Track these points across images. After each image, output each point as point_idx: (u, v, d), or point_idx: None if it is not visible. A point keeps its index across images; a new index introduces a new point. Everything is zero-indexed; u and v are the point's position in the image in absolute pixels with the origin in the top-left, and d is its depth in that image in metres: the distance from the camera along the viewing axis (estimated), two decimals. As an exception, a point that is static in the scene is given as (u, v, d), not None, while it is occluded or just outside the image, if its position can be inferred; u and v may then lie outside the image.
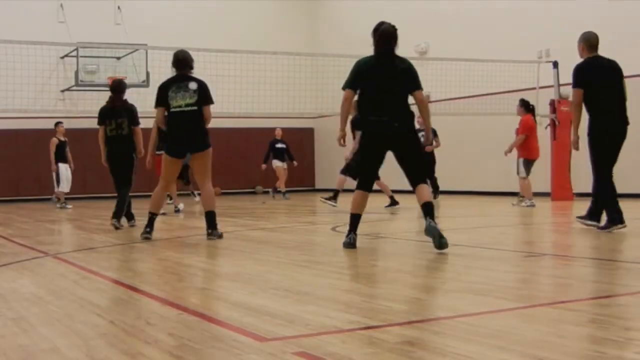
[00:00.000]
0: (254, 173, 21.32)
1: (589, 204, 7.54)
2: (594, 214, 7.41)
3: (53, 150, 15.04)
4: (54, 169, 15.09)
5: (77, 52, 18.30)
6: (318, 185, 22.38)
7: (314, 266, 5.65)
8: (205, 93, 7.44)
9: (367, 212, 11.85)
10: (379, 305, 3.73)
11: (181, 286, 4.78)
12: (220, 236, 7.40)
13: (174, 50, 7.88)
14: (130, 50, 18.36)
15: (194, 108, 7.38)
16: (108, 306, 4.08)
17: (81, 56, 18.50)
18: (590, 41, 7.32)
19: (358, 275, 4.96)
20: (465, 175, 17.04)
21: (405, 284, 4.66)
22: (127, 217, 9.31)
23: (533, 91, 14.48)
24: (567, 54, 14.56)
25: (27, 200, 18.55)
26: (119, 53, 18.69)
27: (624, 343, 2.87)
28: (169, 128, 7.48)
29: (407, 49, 17.77)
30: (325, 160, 21.89)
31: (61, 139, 15.20)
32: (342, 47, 18.24)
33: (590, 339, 2.95)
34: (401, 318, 3.47)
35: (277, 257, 6.07)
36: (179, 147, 7.48)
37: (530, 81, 14.60)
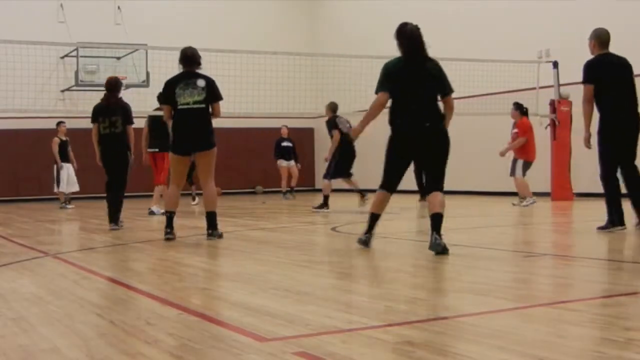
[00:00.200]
0: (254, 173, 21.34)
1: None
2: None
3: (56, 149, 15.05)
4: (61, 167, 15.11)
5: (77, 52, 18.30)
6: (318, 185, 22.36)
7: (314, 266, 5.65)
8: (214, 90, 7.39)
9: (367, 213, 11.84)
10: (379, 305, 3.73)
11: (181, 286, 4.77)
12: (220, 236, 7.40)
13: (174, 50, 7.87)
14: (130, 50, 18.35)
15: (202, 106, 7.33)
16: (108, 306, 4.08)
17: (81, 56, 18.49)
18: (601, 38, 7.30)
19: (358, 275, 4.96)
20: (465, 175, 17.01)
21: (405, 284, 4.66)
22: (111, 218, 8.95)
23: (533, 91, 14.48)
24: (567, 54, 14.62)
25: (27, 200, 18.55)
26: (119, 53, 18.68)
27: (624, 343, 2.87)
28: (175, 125, 7.42)
29: (407, 49, 17.76)
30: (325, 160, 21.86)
31: (63, 138, 15.19)
32: (342, 47, 18.26)
33: (590, 339, 2.95)
34: (401, 318, 3.47)
35: (277, 257, 6.07)
36: (185, 145, 7.39)
37: (530, 81, 14.60)
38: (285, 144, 17.44)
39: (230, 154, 20.15)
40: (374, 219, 6.08)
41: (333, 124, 12.12)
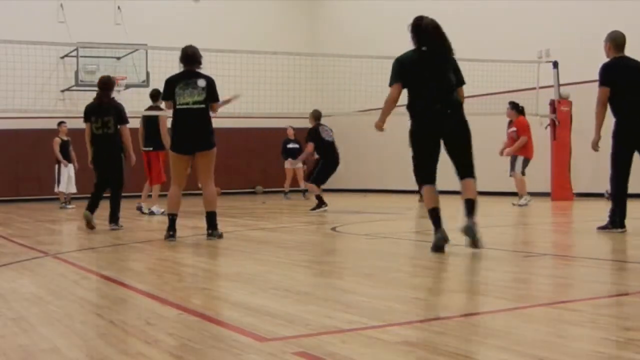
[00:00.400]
0: (254, 173, 21.33)
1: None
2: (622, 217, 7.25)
3: (57, 149, 15.06)
4: (65, 164, 15.12)
5: (77, 52, 18.30)
6: (318, 185, 22.36)
7: (314, 266, 5.65)
8: (213, 90, 7.38)
9: (367, 213, 11.85)
10: (379, 305, 3.73)
11: (181, 286, 4.77)
12: (220, 236, 7.39)
13: (174, 50, 7.85)
14: (130, 50, 18.35)
15: (202, 106, 7.31)
16: (108, 306, 4.08)
17: (81, 56, 18.49)
18: (616, 41, 7.27)
19: (358, 275, 4.95)
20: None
21: (405, 284, 4.66)
22: (111, 219, 8.95)
23: (533, 91, 14.48)
24: (567, 54, 14.64)
25: (27, 200, 18.55)
26: (119, 53, 18.68)
27: (624, 343, 2.87)
28: (174, 125, 7.41)
29: (407, 49, 17.76)
30: (325, 160, 21.84)
31: (64, 138, 15.20)
32: (342, 47, 18.25)
33: (590, 339, 2.95)
34: (401, 318, 3.47)
35: (277, 257, 6.07)
36: (185, 145, 7.37)
37: (530, 81, 14.60)
38: (291, 145, 17.33)
39: (230, 154, 20.15)
40: (435, 214, 5.88)
41: (313, 134, 12.19)
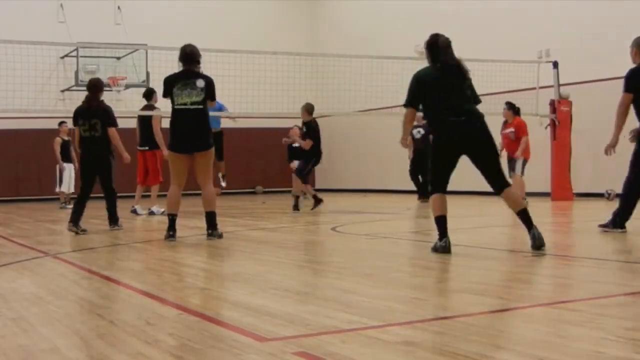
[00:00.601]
0: (254, 173, 21.33)
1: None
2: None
3: (58, 149, 15.06)
4: (62, 167, 15.11)
5: (77, 52, 18.31)
6: (318, 185, 22.33)
7: (314, 266, 5.65)
8: (211, 90, 7.36)
9: (367, 213, 11.85)
10: (379, 305, 3.73)
11: (181, 286, 4.77)
12: (220, 236, 7.38)
13: (174, 50, 7.83)
14: (130, 50, 18.35)
15: (200, 107, 7.29)
16: (108, 306, 4.08)
17: (81, 56, 18.50)
18: None
19: (358, 275, 4.95)
20: (465, 175, 17.01)
21: (405, 284, 4.66)
22: (110, 220, 8.90)
23: (533, 91, 14.47)
24: (567, 54, 14.64)
25: (27, 200, 18.55)
26: (119, 53, 18.69)
27: (624, 343, 2.87)
28: (172, 125, 7.41)
29: (407, 49, 17.77)
30: (325, 160, 21.84)
31: (65, 138, 15.20)
32: (342, 47, 18.25)
33: (590, 339, 2.95)
34: (401, 318, 3.47)
35: (277, 257, 6.07)
36: (183, 144, 7.35)
37: (530, 81, 14.59)
38: (296, 145, 17.33)
39: (230, 154, 20.14)
40: (442, 222, 5.90)
41: (313, 131, 12.20)
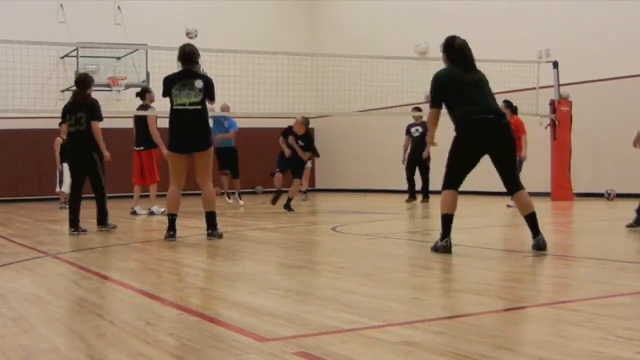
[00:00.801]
0: (254, 173, 21.31)
1: None
2: None
3: (58, 149, 15.07)
4: (60, 168, 15.11)
5: (77, 52, 18.29)
6: (318, 185, 22.36)
7: (314, 266, 5.65)
8: (210, 91, 7.36)
9: (367, 212, 11.84)
10: (379, 305, 3.73)
11: (181, 286, 4.77)
12: (220, 236, 7.39)
13: (174, 50, 7.82)
14: (130, 50, 18.35)
15: (198, 107, 7.29)
16: (108, 306, 4.08)
17: (81, 56, 18.49)
18: None
19: (358, 275, 4.95)
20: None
21: (405, 284, 4.66)
22: (98, 221, 8.77)
23: (533, 91, 14.47)
24: (567, 54, 14.64)
25: (27, 200, 18.55)
26: (119, 53, 18.68)
27: (624, 343, 2.87)
28: (171, 125, 7.40)
29: (407, 49, 17.76)
30: (325, 160, 21.88)
31: (65, 138, 15.20)
32: (342, 47, 18.25)
33: (590, 339, 2.95)
34: (401, 318, 3.47)
35: (277, 257, 6.07)
36: (182, 144, 7.34)
37: (530, 81, 14.59)
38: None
39: (230, 154, 20.12)
40: (448, 221, 5.84)
41: (310, 140, 12.54)
